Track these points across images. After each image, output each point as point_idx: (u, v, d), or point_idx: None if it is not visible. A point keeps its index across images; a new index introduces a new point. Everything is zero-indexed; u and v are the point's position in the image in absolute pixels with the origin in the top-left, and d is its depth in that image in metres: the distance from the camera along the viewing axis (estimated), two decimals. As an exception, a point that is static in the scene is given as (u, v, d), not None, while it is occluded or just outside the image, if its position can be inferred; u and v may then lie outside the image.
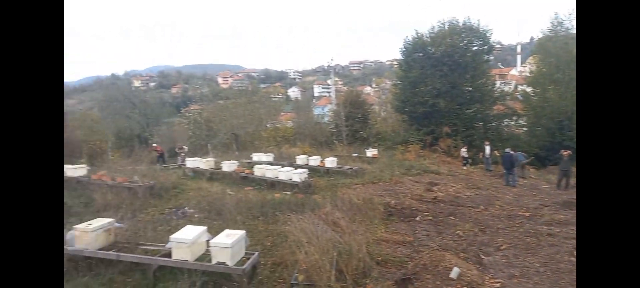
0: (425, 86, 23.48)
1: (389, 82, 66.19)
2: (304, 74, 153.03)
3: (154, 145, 24.16)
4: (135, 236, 6.72)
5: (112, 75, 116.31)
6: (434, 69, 23.55)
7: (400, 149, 22.47)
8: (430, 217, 9.25)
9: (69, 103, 62.15)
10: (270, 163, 16.55)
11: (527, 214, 9.44)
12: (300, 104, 64.78)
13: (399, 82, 27.74)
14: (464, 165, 19.46)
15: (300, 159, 17.39)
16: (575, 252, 6.19)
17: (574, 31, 22.16)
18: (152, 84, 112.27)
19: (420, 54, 24.80)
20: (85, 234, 5.89)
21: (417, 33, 25.38)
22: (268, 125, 32.26)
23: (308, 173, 13.59)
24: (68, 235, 6.03)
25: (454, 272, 5.45)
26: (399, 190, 12.61)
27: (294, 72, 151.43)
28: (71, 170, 12.95)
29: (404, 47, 25.98)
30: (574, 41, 21.84)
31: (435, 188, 13.09)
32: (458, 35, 23.84)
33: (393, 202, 10.74)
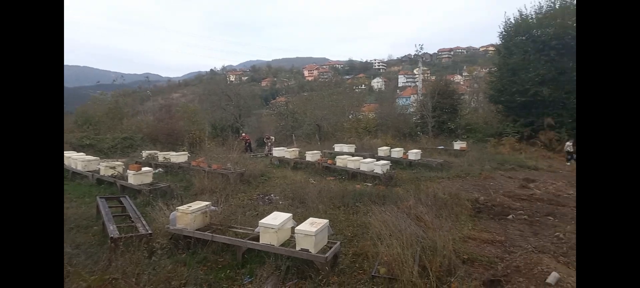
0: (527, 73, 21.19)
1: (482, 70, 61.63)
2: (389, 63, 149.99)
3: (243, 134, 25.91)
4: (227, 219, 7.27)
5: (211, 70, 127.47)
6: (538, 54, 21.13)
7: (492, 142, 20.84)
8: (525, 216, 8.42)
9: (173, 96, 69.70)
10: (352, 154, 16.63)
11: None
12: (384, 94, 63.76)
13: (495, 69, 25.58)
14: (568, 160, 17.30)
15: (382, 151, 17.17)
16: None
17: None
18: (244, 78, 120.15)
19: (523, 38, 22.43)
20: (185, 215, 6.55)
21: (521, 14, 23.02)
22: (350, 116, 32.37)
23: (390, 165, 13.35)
24: (171, 216, 6.77)
25: (552, 277, 4.88)
26: (489, 185, 11.70)
27: (378, 63, 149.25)
28: (174, 157, 14.52)
29: (504, 31, 23.74)
30: None
31: (531, 185, 11.87)
32: (571, 14, 20.92)
33: (482, 198, 10.01)
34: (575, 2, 21.10)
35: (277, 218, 6.06)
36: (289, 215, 6.29)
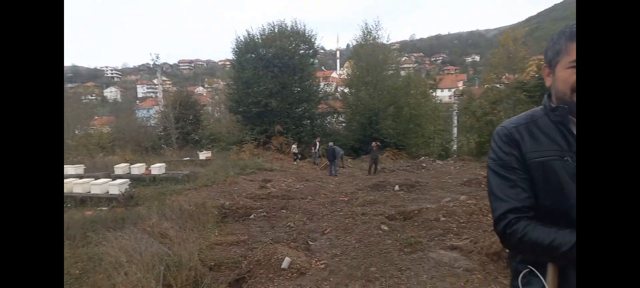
0: (258, 86, 23.92)
1: (222, 83, 65.18)
2: (125, 72, 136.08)
3: None
4: None
5: None
6: (266, 70, 24.21)
7: (235, 149, 22.36)
8: (264, 213, 9.44)
9: None
10: (80, 176, 14.09)
11: (345, 199, 10.67)
12: (120, 105, 57.61)
13: (232, 82, 27.50)
14: (295, 160, 20.76)
15: (120, 168, 15.35)
16: (382, 226, 7.30)
17: (380, 40, 26.39)
18: None
19: (253, 55, 25.11)
20: None
21: (249, 34, 25.61)
22: (77, 132, 27.39)
23: (130, 184, 12.11)
24: None
25: (286, 262, 5.66)
26: (233, 190, 12.47)
27: (111, 70, 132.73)
28: None
29: (237, 48, 25.80)
30: (380, 49, 26.11)
31: (268, 184, 13.49)
32: (287, 38, 25.07)
33: (227, 203, 10.54)
34: (289, 28, 25.66)
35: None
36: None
